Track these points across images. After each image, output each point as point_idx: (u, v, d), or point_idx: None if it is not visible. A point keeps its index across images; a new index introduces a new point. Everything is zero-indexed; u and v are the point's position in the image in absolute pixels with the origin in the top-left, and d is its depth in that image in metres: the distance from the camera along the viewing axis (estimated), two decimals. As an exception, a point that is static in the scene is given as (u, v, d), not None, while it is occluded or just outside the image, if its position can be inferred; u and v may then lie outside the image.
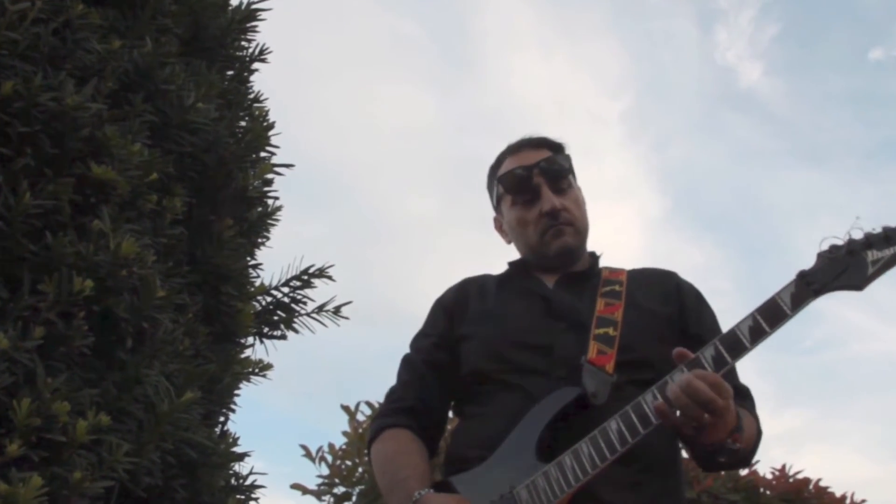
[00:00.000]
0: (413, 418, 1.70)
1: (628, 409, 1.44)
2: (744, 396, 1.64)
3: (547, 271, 1.79)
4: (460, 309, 1.79)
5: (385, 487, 1.62)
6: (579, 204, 1.80)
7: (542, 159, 1.78)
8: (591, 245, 1.86)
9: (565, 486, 1.41)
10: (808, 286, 1.44)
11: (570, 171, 1.82)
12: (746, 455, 1.57)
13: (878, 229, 1.44)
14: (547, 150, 1.82)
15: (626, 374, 1.55)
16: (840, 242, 1.47)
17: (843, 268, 1.44)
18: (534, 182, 1.76)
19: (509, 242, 1.89)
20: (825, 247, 1.47)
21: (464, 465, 1.56)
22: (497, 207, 1.89)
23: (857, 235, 1.46)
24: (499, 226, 1.92)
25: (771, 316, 1.43)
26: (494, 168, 1.89)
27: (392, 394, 1.79)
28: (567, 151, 1.85)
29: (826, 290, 1.44)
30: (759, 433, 1.59)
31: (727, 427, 1.40)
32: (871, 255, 1.42)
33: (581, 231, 1.79)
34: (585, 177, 1.89)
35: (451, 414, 1.82)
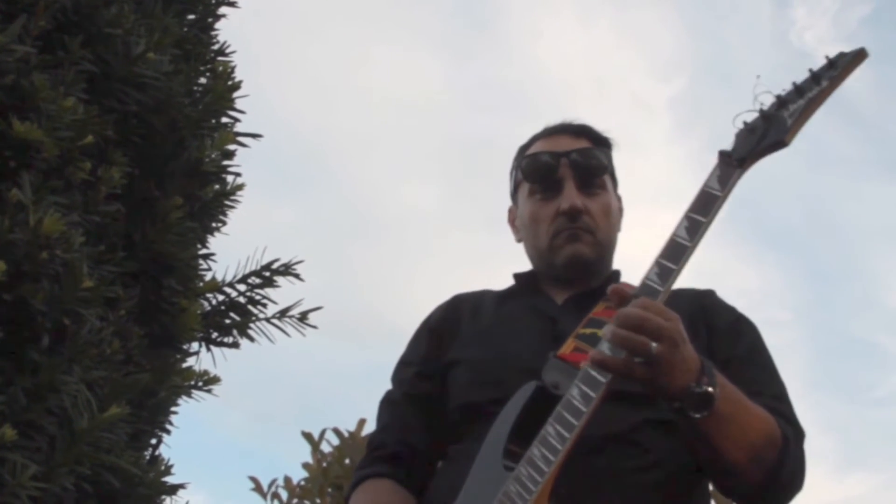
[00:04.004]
0: (396, 466, 1.73)
1: (585, 366, 1.44)
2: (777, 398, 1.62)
3: (558, 284, 1.81)
4: (450, 330, 1.81)
5: None
6: (608, 212, 1.81)
7: (577, 149, 1.79)
8: (622, 261, 1.87)
9: (538, 477, 1.41)
10: (731, 160, 1.52)
11: (608, 170, 1.83)
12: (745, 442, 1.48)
13: (789, 87, 1.52)
14: (587, 140, 1.83)
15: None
16: (754, 115, 1.54)
17: (763, 132, 1.52)
18: (559, 173, 1.77)
19: (519, 241, 1.91)
20: (739, 125, 1.55)
21: None
22: (514, 196, 1.91)
23: (768, 101, 1.53)
24: (512, 219, 1.94)
25: (702, 206, 1.49)
26: (522, 150, 1.92)
27: (372, 441, 1.82)
28: (613, 151, 1.88)
29: (751, 158, 1.52)
30: (786, 439, 1.53)
31: (688, 365, 1.38)
32: (788, 110, 1.51)
33: (602, 243, 1.79)
34: (621, 175, 1.90)
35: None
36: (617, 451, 1.53)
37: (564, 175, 1.77)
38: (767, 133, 1.51)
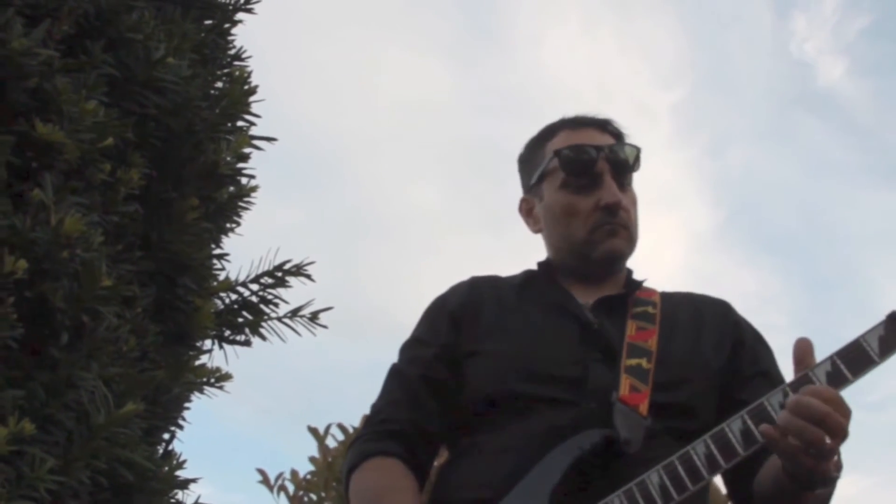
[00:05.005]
0: (404, 446, 1.64)
1: (674, 461, 1.41)
2: None
3: (577, 279, 1.75)
4: (471, 317, 1.73)
5: None
6: (636, 209, 1.77)
7: (615, 145, 1.76)
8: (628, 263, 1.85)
9: None
10: None
11: (637, 167, 1.79)
12: None
13: None
14: (611, 136, 1.80)
15: (663, 419, 1.52)
16: None
17: None
18: (598, 167, 1.73)
19: (537, 231, 1.84)
20: None
21: None
22: (534, 186, 1.84)
23: None
24: (528, 209, 1.87)
25: (853, 361, 1.41)
26: (542, 139, 1.85)
27: (377, 413, 1.72)
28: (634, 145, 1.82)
29: None
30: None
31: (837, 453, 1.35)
32: None
33: (634, 239, 1.76)
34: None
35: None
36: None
37: (603, 169, 1.72)
38: None
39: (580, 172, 1.74)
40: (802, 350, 1.41)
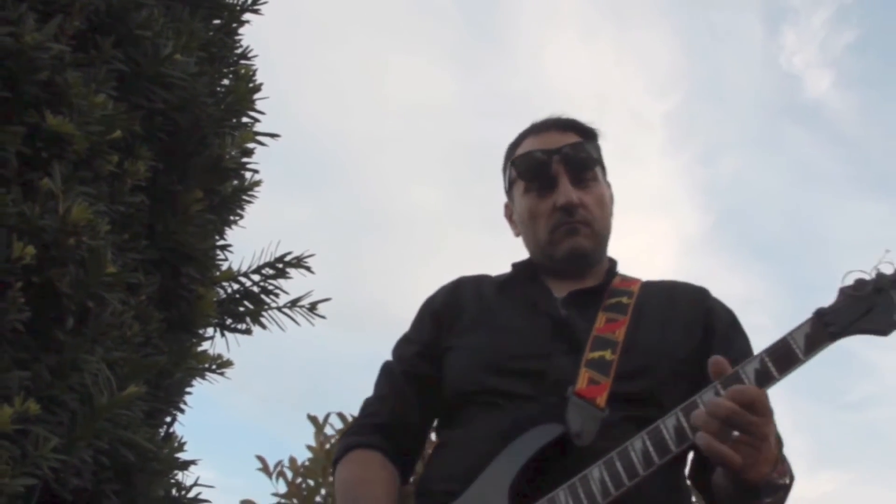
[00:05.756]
0: (386, 438, 1.70)
1: (613, 457, 1.42)
2: None
3: (556, 276, 1.77)
4: (451, 315, 1.76)
5: None
6: (602, 203, 1.77)
7: (567, 144, 1.76)
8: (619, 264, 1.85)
9: None
10: (825, 327, 1.41)
11: (598, 162, 1.79)
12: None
13: None
14: (575, 134, 1.79)
15: (622, 409, 1.52)
16: (867, 277, 1.44)
17: (868, 308, 1.41)
18: (552, 170, 1.74)
19: (518, 235, 1.87)
20: (849, 281, 1.45)
21: (433, 501, 1.56)
22: (509, 192, 1.88)
23: (887, 270, 1.43)
24: (509, 214, 1.91)
25: (780, 359, 1.41)
26: (512, 147, 1.88)
27: (367, 407, 1.78)
28: (599, 140, 1.83)
29: (845, 334, 1.41)
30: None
31: (771, 457, 1.34)
32: None
33: (599, 234, 1.76)
34: (617, 184, 1.90)
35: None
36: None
37: (558, 171, 1.73)
38: (872, 312, 1.40)
39: (534, 177, 1.76)
40: (720, 367, 1.40)
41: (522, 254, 1.88)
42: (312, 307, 2.61)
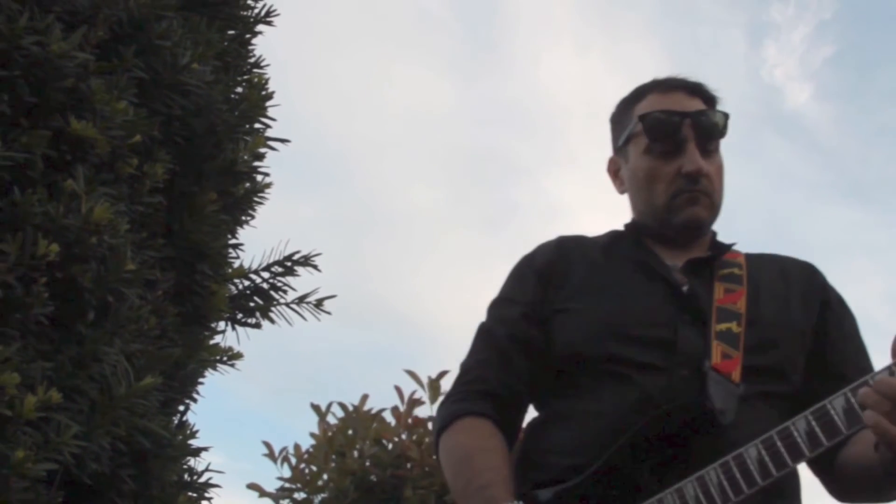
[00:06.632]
0: (494, 406, 1.55)
1: (773, 436, 1.31)
2: None
3: (664, 242, 1.65)
4: (559, 275, 1.62)
5: (458, 491, 1.47)
6: (721, 175, 1.66)
7: (702, 111, 1.64)
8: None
9: None
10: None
11: (724, 132, 1.67)
12: None
13: None
14: (701, 100, 1.68)
15: (756, 383, 1.44)
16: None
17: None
18: (682, 133, 1.61)
19: (622, 192, 1.74)
20: None
21: (552, 475, 1.43)
22: (621, 147, 1.73)
23: None
24: (614, 170, 1.77)
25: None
26: (631, 101, 1.74)
27: (467, 372, 1.61)
28: (724, 109, 1.70)
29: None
30: None
31: None
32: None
33: (716, 206, 1.65)
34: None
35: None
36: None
37: (687, 135, 1.61)
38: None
39: (663, 138, 1.63)
40: None
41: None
42: (319, 303, 2.64)
